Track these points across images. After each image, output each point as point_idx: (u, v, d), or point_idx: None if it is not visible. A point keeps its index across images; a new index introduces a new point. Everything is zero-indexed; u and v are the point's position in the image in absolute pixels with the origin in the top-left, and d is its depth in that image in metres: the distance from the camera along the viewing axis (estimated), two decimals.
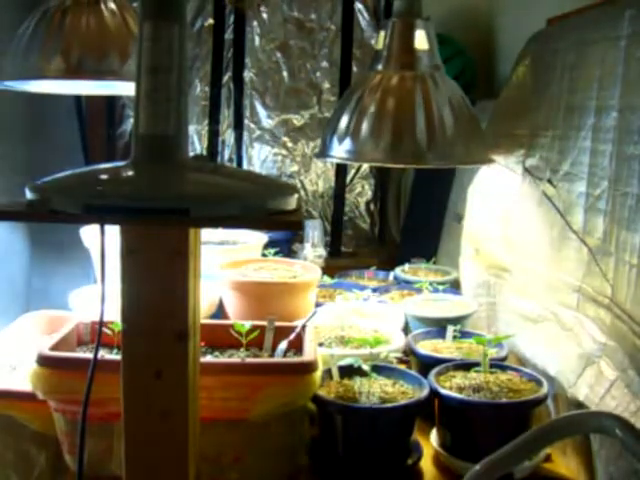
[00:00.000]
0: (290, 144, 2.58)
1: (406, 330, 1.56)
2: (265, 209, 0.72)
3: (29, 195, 0.72)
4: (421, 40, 1.34)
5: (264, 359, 1.21)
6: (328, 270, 1.98)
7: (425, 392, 1.18)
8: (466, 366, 1.30)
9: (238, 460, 1.09)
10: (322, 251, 2.28)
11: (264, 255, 1.86)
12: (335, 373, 1.24)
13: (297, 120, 2.56)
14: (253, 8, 2.50)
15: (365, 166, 2.60)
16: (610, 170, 1.17)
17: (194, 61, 2.46)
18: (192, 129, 2.47)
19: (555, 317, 1.35)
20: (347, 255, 2.65)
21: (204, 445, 0.84)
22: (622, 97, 1.15)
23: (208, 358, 1.18)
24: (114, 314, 1.16)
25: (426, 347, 1.43)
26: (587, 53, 1.29)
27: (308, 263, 1.81)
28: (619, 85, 1.16)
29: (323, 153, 1.40)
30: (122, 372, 0.76)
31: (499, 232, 1.68)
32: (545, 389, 1.20)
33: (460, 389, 1.21)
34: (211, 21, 2.47)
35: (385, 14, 2.53)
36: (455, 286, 1.92)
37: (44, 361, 1.07)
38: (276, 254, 1.86)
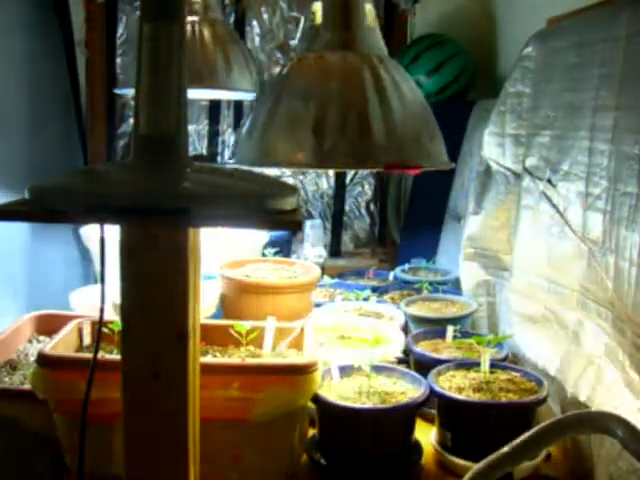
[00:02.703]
0: None
1: (406, 330, 1.56)
2: (265, 209, 0.72)
3: (29, 195, 0.72)
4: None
5: (264, 359, 1.21)
6: (328, 270, 1.98)
7: (425, 392, 1.18)
8: (466, 366, 1.30)
9: (238, 460, 1.09)
10: (322, 251, 2.28)
11: (264, 255, 1.86)
12: (335, 373, 1.24)
13: None
14: (253, 8, 2.50)
15: None
16: (609, 170, 1.17)
17: None
18: (192, 129, 2.48)
19: (555, 317, 1.35)
20: (347, 255, 2.65)
21: (204, 445, 0.84)
22: (621, 97, 1.15)
23: (208, 358, 1.18)
24: (114, 314, 1.16)
25: (426, 347, 1.43)
26: (586, 53, 1.29)
27: (308, 263, 1.81)
28: (618, 85, 1.16)
29: (236, 155, 1.11)
30: (122, 372, 0.76)
31: (499, 232, 1.68)
32: (545, 389, 1.20)
33: (460, 389, 1.21)
34: None
35: (385, 14, 2.53)
36: (455, 286, 1.92)
37: (44, 361, 1.07)
38: (276, 254, 1.86)
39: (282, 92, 1.03)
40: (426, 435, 1.24)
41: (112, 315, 1.20)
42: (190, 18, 1.46)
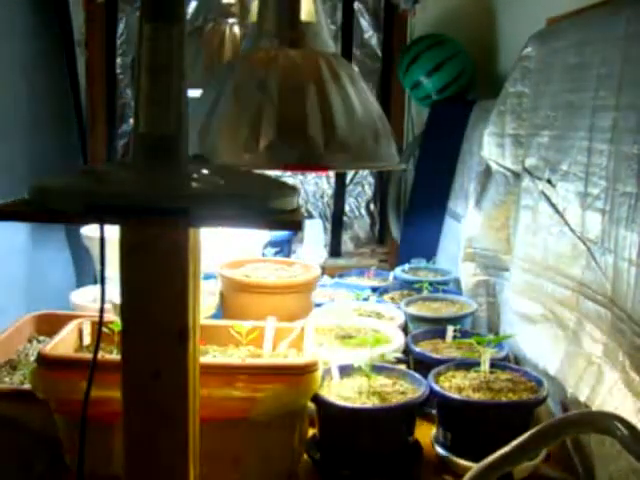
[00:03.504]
0: None
1: (406, 330, 1.56)
2: (265, 209, 0.72)
3: (29, 195, 0.72)
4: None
5: (264, 359, 1.21)
6: (328, 270, 1.98)
7: (425, 392, 1.18)
8: (466, 366, 1.30)
9: (238, 460, 1.09)
10: (322, 251, 2.28)
11: (264, 255, 1.86)
12: (335, 373, 1.24)
13: None
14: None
15: None
16: (608, 170, 1.17)
17: None
18: None
19: (555, 317, 1.35)
20: (347, 255, 2.65)
21: (204, 445, 0.84)
22: (620, 97, 1.15)
23: (208, 358, 1.18)
24: (114, 314, 1.16)
25: (426, 347, 1.43)
26: (586, 53, 1.29)
27: (308, 263, 1.81)
28: (617, 85, 1.16)
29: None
30: (122, 372, 0.76)
31: (499, 232, 1.69)
32: (545, 389, 1.20)
33: (460, 389, 1.21)
34: None
35: (385, 14, 2.53)
36: (455, 286, 1.93)
37: (44, 361, 1.07)
38: (276, 254, 1.86)
39: (223, 90, 0.99)
40: (426, 435, 1.24)
41: (112, 315, 1.20)
42: (226, 20, 1.48)
